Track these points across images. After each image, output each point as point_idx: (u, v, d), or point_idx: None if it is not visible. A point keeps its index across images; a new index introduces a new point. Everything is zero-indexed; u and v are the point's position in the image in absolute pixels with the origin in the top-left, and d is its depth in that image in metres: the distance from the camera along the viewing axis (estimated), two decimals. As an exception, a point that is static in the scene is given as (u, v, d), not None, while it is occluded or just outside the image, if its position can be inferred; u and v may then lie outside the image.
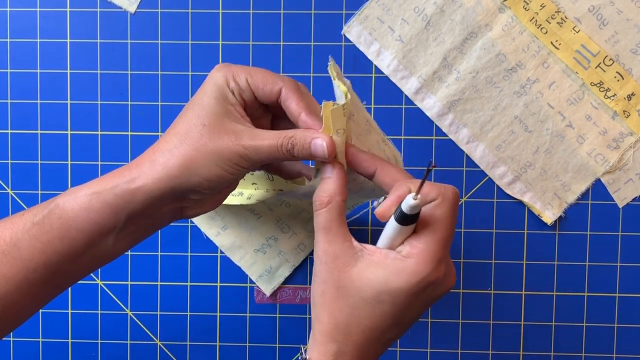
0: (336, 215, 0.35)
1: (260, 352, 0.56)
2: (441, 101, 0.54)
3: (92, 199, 0.35)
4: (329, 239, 0.35)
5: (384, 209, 0.35)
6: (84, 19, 0.55)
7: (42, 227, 0.35)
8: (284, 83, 0.36)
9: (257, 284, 0.55)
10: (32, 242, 0.35)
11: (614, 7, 0.52)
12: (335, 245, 0.35)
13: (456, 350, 0.56)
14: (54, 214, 0.35)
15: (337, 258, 0.35)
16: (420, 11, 0.54)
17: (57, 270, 0.36)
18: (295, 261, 0.55)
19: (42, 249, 0.35)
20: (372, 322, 0.35)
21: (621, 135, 0.53)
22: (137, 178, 0.34)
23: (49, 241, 0.35)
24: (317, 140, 0.35)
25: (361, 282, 0.34)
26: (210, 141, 0.34)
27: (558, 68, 0.53)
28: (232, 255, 0.55)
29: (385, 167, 0.37)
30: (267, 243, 0.54)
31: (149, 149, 0.36)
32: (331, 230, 0.35)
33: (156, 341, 0.57)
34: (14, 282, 0.35)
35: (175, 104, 0.55)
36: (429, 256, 0.34)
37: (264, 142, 0.35)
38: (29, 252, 0.35)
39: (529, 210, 0.55)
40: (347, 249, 0.35)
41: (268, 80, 0.36)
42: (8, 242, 0.35)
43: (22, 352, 0.57)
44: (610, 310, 0.55)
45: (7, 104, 0.56)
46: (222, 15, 0.55)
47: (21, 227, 0.35)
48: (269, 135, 0.35)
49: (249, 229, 0.54)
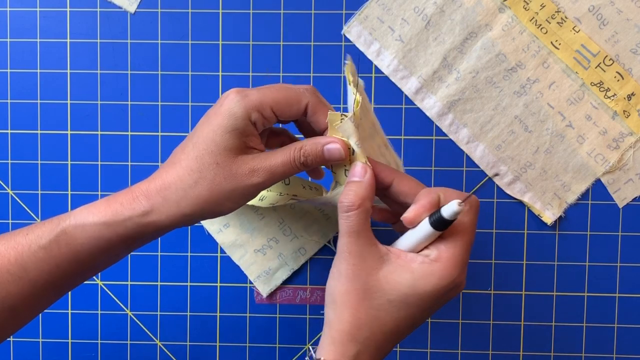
0: (365, 219, 0.35)
1: (260, 352, 0.56)
2: (441, 101, 0.54)
3: (103, 229, 0.34)
4: (357, 242, 0.35)
5: (414, 214, 0.35)
6: (84, 19, 0.55)
7: (49, 252, 0.35)
8: (307, 98, 0.36)
9: (254, 284, 0.55)
10: (39, 264, 0.35)
11: (614, 7, 0.52)
12: (363, 247, 0.35)
13: (456, 350, 0.56)
14: (61, 239, 0.35)
15: (364, 260, 0.35)
16: (420, 11, 0.54)
17: (64, 286, 0.36)
18: (294, 265, 0.55)
19: (50, 271, 0.35)
20: (395, 325, 0.35)
21: (621, 135, 0.53)
22: (151, 213, 0.34)
23: (57, 265, 0.35)
24: (329, 145, 0.35)
25: (388, 285, 0.34)
26: (225, 181, 0.34)
27: (558, 68, 0.53)
28: (232, 253, 0.55)
29: (404, 178, 0.38)
30: (268, 244, 0.54)
31: (159, 175, 0.35)
32: (360, 234, 0.35)
33: (156, 341, 0.57)
34: (20, 298, 0.35)
35: (175, 104, 0.55)
36: (458, 260, 0.35)
37: (277, 163, 0.35)
38: (36, 274, 0.35)
39: (529, 210, 0.55)
40: (374, 251, 0.35)
41: (293, 100, 0.35)
42: (13, 263, 0.35)
43: (22, 352, 0.57)
44: (610, 310, 0.55)
45: (7, 104, 0.56)
46: (222, 15, 0.55)
47: (26, 248, 0.35)
48: (279, 155, 0.35)
49: (251, 229, 0.54)
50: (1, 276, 0.34)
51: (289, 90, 0.36)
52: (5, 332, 0.37)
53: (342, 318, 0.35)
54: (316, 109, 0.36)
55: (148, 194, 0.34)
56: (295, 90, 0.36)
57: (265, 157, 0.35)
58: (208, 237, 0.56)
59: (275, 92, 0.35)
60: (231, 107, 0.34)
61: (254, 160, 0.35)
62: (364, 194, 0.35)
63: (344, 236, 0.35)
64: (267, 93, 0.35)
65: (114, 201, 0.35)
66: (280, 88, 0.36)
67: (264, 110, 0.35)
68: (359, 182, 0.36)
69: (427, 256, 0.35)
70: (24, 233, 0.36)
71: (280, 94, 0.35)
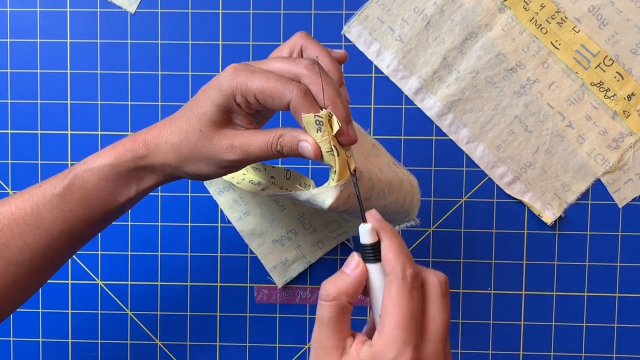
0: (338, 313, 0.34)
1: (260, 352, 0.56)
2: (441, 101, 0.54)
3: (109, 170, 0.38)
4: (322, 332, 0.34)
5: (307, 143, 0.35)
6: (84, 19, 0.55)
7: (63, 198, 0.38)
8: (292, 95, 0.35)
9: (270, 274, 0.55)
10: (55, 211, 0.38)
11: (614, 7, 0.52)
12: (326, 340, 0.34)
13: (456, 350, 0.56)
14: (74, 185, 0.38)
15: (325, 353, 0.34)
16: (420, 11, 0.54)
17: (76, 236, 0.39)
18: (311, 258, 0.55)
19: (64, 217, 0.38)
20: None
21: (621, 135, 0.53)
22: (146, 157, 0.38)
23: (70, 210, 0.38)
24: (303, 143, 0.35)
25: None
26: (204, 148, 0.37)
27: (558, 68, 0.53)
28: (251, 242, 0.55)
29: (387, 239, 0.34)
30: (287, 236, 0.55)
31: (157, 127, 0.39)
32: (327, 326, 0.34)
33: (156, 341, 0.57)
34: (38, 250, 0.38)
35: (175, 104, 0.55)
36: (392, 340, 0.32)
37: (255, 145, 0.36)
38: (51, 221, 0.38)
39: (529, 210, 0.55)
40: (337, 346, 0.34)
41: (276, 94, 0.35)
42: (29, 213, 0.38)
43: (22, 352, 0.57)
44: (610, 310, 0.55)
45: (7, 104, 0.56)
46: (222, 15, 0.55)
47: (41, 198, 0.38)
48: (259, 137, 0.36)
49: (271, 219, 0.54)
50: (19, 227, 0.37)
51: (277, 82, 0.35)
52: (25, 291, 0.39)
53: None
54: (297, 109, 0.35)
55: (146, 141, 0.38)
56: (283, 84, 0.35)
57: (246, 136, 0.37)
58: (208, 237, 0.56)
59: (264, 80, 0.35)
60: (221, 82, 0.36)
61: (234, 137, 0.37)
62: (344, 290, 0.34)
63: (316, 322, 0.35)
64: (257, 79, 0.35)
65: (119, 145, 0.39)
66: (271, 77, 0.35)
67: (248, 96, 0.36)
68: (345, 276, 0.34)
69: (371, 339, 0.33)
70: (37, 186, 0.39)
71: (268, 84, 0.35)
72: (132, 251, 0.56)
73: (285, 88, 0.35)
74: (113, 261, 0.56)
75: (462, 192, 0.55)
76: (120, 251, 0.56)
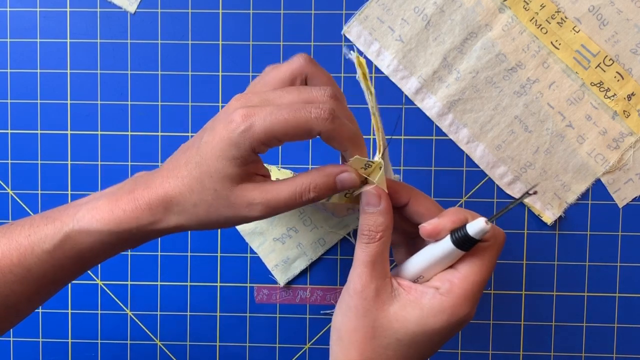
0: (384, 250, 0.34)
1: (260, 352, 0.56)
2: (441, 101, 0.54)
3: (107, 236, 0.34)
4: (372, 273, 0.33)
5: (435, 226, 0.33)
6: (84, 19, 0.55)
7: (53, 255, 0.35)
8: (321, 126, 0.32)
9: (272, 273, 0.55)
10: (44, 266, 0.35)
11: (614, 7, 0.52)
12: (378, 280, 0.33)
13: (456, 350, 0.56)
14: (66, 244, 0.35)
15: (377, 295, 0.33)
16: (420, 11, 0.54)
17: (67, 282, 0.37)
18: (313, 255, 0.55)
19: (54, 272, 0.35)
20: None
21: (621, 135, 0.53)
22: (155, 223, 0.34)
23: (61, 266, 0.35)
24: (342, 175, 0.34)
25: (398, 323, 0.33)
26: (223, 208, 0.33)
27: (558, 68, 0.53)
28: (251, 241, 0.55)
29: (420, 197, 0.36)
30: (288, 233, 0.55)
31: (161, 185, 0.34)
32: (376, 266, 0.34)
33: (156, 341, 0.57)
34: (25, 296, 0.36)
35: (175, 104, 0.55)
36: (470, 297, 0.33)
37: (279, 198, 0.33)
38: (40, 274, 0.35)
39: (529, 210, 0.55)
40: (387, 285, 0.34)
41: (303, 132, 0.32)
42: (17, 264, 0.35)
43: (22, 352, 0.57)
44: (610, 310, 0.55)
45: (7, 104, 0.56)
46: (222, 15, 0.55)
47: (29, 251, 0.35)
48: (284, 189, 0.33)
49: (271, 218, 0.54)
50: (4, 277, 0.35)
51: (300, 117, 0.31)
52: (4, 328, 0.38)
53: (349, 357, 0.34)
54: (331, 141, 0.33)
55: (151, 204, 0.34)
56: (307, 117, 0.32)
57: (269, 190, 0.33)
58: (208, 237, 0.56)
59: (284, 120, 0.31)
60: (232, 136, 0.32)
61: (254, 191, 0.33)
62: (386, 223, 0.34)
63: (359, 266, 0.34)
64: (276, 121, 0.31)
65: (116, 207, 0.34)
66: (291, 111, 0.31)
67: (270, 143, 0.32)
68: (376, 212, 0.34)
69: (438, 289, 0.33)
70: (25, 234, 0.35)
71: (290, 124, 0.31)
72: (132, 251, 0.56)
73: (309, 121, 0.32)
74: (113, 261, 0.56)
75: (462, 192, 0.55)
76: (120, 251, 0.56)
